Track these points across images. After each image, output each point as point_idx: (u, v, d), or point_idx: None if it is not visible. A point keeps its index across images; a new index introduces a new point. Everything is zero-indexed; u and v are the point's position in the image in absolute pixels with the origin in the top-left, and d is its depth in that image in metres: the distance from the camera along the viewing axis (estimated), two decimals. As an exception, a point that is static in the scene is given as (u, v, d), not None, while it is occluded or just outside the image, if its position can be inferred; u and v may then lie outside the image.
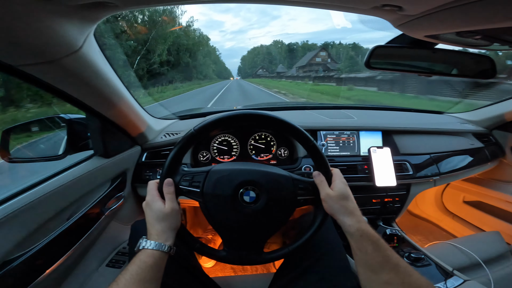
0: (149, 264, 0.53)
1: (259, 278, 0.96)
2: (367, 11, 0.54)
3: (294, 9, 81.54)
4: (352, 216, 0.58)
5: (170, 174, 0.64)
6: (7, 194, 0.64)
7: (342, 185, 0.62)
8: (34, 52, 0.47)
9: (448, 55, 0.83)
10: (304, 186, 0.67)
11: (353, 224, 0.56)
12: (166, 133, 1.18)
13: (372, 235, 0.54)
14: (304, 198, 0.66)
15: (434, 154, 1.25)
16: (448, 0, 0.43)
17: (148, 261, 0.53)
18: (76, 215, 0.78)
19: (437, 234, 1.71)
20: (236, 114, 0.65)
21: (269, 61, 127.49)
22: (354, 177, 1.14)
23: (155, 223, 0.58)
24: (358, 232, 0.55)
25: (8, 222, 0.58)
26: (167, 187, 0.61)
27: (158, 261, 0.54)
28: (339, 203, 0.60)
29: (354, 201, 0.61)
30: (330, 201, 0.61)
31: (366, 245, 0.54)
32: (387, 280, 0.50)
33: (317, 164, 0.67)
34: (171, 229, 0.59)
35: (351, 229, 0.56)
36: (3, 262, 0.56)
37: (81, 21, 0.48)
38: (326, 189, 0.62)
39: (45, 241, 0.66)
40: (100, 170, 0.89)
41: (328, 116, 1.30)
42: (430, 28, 0.58)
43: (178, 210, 0.61)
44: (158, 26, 23.24)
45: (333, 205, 0.60)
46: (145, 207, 0.61)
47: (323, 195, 0.62)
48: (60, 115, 0.87)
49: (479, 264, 0.94)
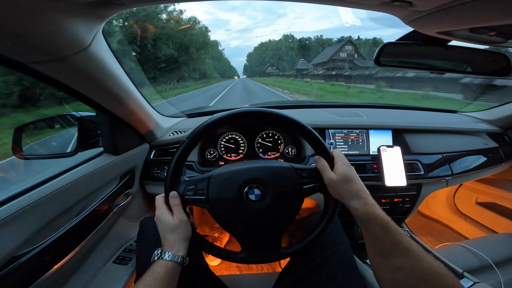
0: (162, 275, 0.54)
1: (265, 277, 0.96)
2: (376, 7, 0.53)
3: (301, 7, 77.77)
4: (359, 199, 0.55)
5: (173, 186, 0.64)
6: (18, 190, 0.65)
7: (345, 167, 0.59)
8: (43, 50, 0.47)
9: (461, 52, 0.80)
10: (307, 174, 0.66)
11: (359, 208, 0.54)
12: (174, 131, 1.19)
13: (380, 218, 0.51)
14: (311, 186, 0.65)
15: (447, 154, 1.22)
16: None
17: (161, 271, 0.55)
18: (85, 211, 0.79)
19: (448, 236, 1.67)
20: (225, 115, 0.65)
21: (278, 57, 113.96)
22: (363, 176, 1.12)
23: (167, 235, 0.60)
24: (365, 215, 0.53)
25: (18, 218, 0.59)
26: (173, 200, 0.62)
27: (171, 272, 0.56)
28: (343, 186, 0.57)
29: (359, 182, 0.58)
30: (334, 185, 0.58)
31: (374, 228, 0.51)
32: (397, 265, 0.48)
33: (316, 149, 0.66)
34: (182, 239, 0.60)
35: (358, 213, 0.54)
36: (11, 258, 0.57)
37: (90, 18, 0.48)
38: (328, 173, 0.60)
39: (54, 237, 0.67)
40: (109, 167, 0.90)
41: (337, 115, 1.29)
42: (442, 24, 0.56)
43: (187, 221, 0.62)
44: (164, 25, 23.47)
45: (338, 189, 0.58)
46: (157, 221, 0.63)
47: (326, 180, 0.60)
48: (71, 113, 0.89)
49: (490, 266, 0.91)
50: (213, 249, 0.67)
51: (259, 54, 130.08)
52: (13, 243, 0.58)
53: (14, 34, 0.41)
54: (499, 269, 0.90)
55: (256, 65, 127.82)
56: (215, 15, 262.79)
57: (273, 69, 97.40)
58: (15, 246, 0.58)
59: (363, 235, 0.55)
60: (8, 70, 0.48)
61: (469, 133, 1.32)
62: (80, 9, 0.43)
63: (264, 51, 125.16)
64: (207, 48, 56.62)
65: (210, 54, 68.68)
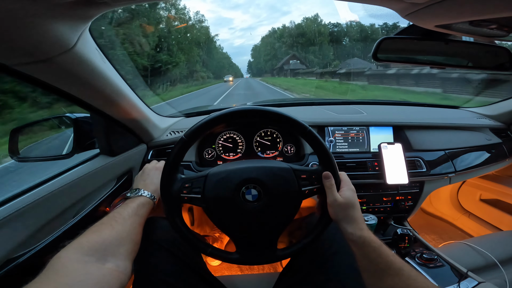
0: (143, 203, 0.65)
1: (265, 277, 0.94)
2: (372, 1, 0.51)
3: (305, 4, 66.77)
4: (355, 224, 0.57)
5: (169, 183, 0.63)
6: (14, 192, 0.64)
7: (351, 193, 0.61)
8: (26, 51, 0.46)
9: (461, 46, 0.78)
10: (307, 176, 0.65)
11: (354, 232, 0.56)
12: (172, 130, 1.18)
13: (374, 241, 0.54)
14: (309, 189, 0.64)
15: (449, 150, 1.20)
16: None
17: (143, 201, 0.66)
18: (82, 213, 0.78)
19: (452, 234, 1.65)
20: (224, 113, 0.64)
21: (301, 46, 74.07)
22: (364, 174, 1.11)
23: (148, 184, 0.73)
24: (360, 239, 0.55)
25: (13, 220, 0.59)
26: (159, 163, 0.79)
27: (147, 210, 0.66)
28: (345, 211, 0.59)
29: (359, 209, 0.61)
30: (336, 208, 0.60)
31: (368, 251, 0.54)
32: (391, 285, 0.50)
33: (316, 150, 0.65)
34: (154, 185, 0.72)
35: (353, 237, 0.56)
36: (6, 260, 0.57)
37: (72, 19, 0.47)
38: (334, 194, 0.61)
39: (49, 239, 0.67)
40: (106, 168, 0.89)
41: (337, 112, 1.27)
42: (441, 18, 0.54)
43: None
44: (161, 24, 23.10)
45: (338, 212, 0.60)
46: (145, 168, 0.78)
47: (330, 201, 0.61)
48: (66, 115, 0.88)
49: (495, 265, 0.90)
50: (207, 249, 0.66)
51: (269, 45, 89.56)
52: (8, 245, 0.57)
53: None
54: (504, 268, 0.88)
55: (265, 59, 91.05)
56: (218, 13, 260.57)
57: (296, 63, 56.84)
58: (10, 248, 0.58)
59: (357, 258, 0.57)
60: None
61: (471, 129, 1.30)
62: (61, 10, 0.42)
63: (278, 39, 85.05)
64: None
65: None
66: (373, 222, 0.97)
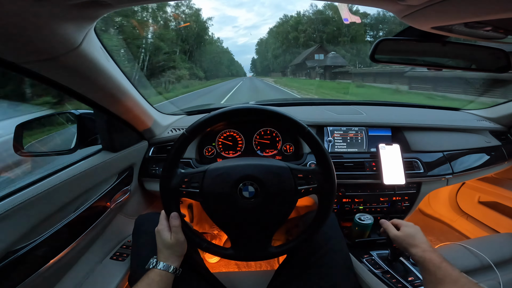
0: (156, 281, 0.61)
1: (262, 274, 0.96)
2: (368, 2, 0.52)
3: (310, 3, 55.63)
4: (417, 248, 0.69)
5: (169, 176, 0.65)
6: (16, 186, 0.66)
7: (409, 229, 0.76)
8: (34, 50, 0.48)
9: (458, 48, 0.79)
10: (304, 175, 0.67)
11: (416, 253, 0.67)
12: (173, 128, 1.20)
13: (434, 259, 0.64)
14: (305, 188, 0.66)
15: (448, 152, 1.20)
16: None
17: (155, 278, 0.61)
18: (82, 207, 0.80)
19: (449, 235, 1.65)
20: (226, 111, 0.65)
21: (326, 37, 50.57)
22: (361, 174, 1.12)
23: (163, 249, 0.66)
24: (420, 258, 0.66)
25: (15, 213, 0.60)
26: (173, 221, 0.67)
27: (164, 279, 0.62)
28: (406, 241, 0.72)
29: (422, 237, 0.73)
30: (398, 239, 0.75)
31: (428, 266, 0.63)
32: None
33: (313, 149, 0.67)
34: (177, 255, 0.67)
35: (414, 257, 0.68)
36: (7, 253, 0.58)
37: (78, 19, 0.49)
38: (393, 231, 0.77)
39: (50, 232, 0.68)
40: (108, 164, 0.91)
41: (336, 112, 1.28)
42: (436, 20, 0.55)
43: (183, 241, 0.68)
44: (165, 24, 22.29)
45: (402, 242, 0.74)
46: (156, 233, 0.69)
47: (392, 236, 0.77)
48: (70, 111, 0.90)
49: (490, 267, 0.90)
50: (202, 244, 0.68)
51: (281, 35, 62.91)
52: (10, 238, 0.59)
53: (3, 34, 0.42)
54: (498, 270, 0.89)
55: (275, 54, 67.19)
56: (222, 11, 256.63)
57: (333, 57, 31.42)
58: (12, 241, 0.59)
59: (420, 272, 0.67)
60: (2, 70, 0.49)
61: (471, 131, 1.30)
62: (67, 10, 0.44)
63: (293, 28, 58.74)
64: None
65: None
66: (369, 222, 0.98)
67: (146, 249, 0.76)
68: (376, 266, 0.90)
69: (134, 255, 0.80)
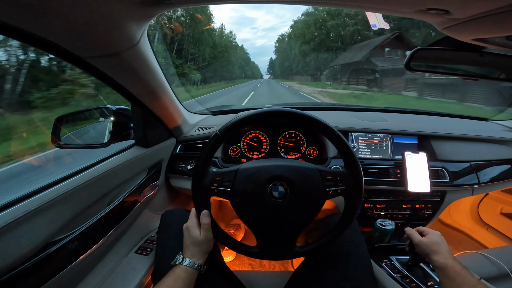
0: (182, 277, 0.63)
1: (278, 275, 0.97)
2: (410, 14, 0.53)
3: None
4: (439, 255, 0.70)
5: (201, 175, 0.67)
6: (55, 178, 0.68)
7: (434, 236, 0.76)
8: (100, 46, 0.51)
9: (497, 58, 0.78)
10: (332, 177, 0.68)
11: (438, 260, 0.69)
12: (200, 127, 1.22)
13: (455, 266, 0.65)
14: (333, 189, 0.67)
15: (475, 162, 1.18)
16: (499, 4, 0.41)
17: (181, 275, 0.63)
18: (116, 201, 0.83)
19: (468, 245, 1.63)
20: (258, 113, 0.66)
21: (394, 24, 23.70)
22: (385, 180, 1.12)
23: (190, 246, 0.68)
24: (442, 265, 0.67)
25: (54, 205, 0.62)
26: (204, 218, 0.68)
27: (190, 276, 0.64)
28: (429, 248, 0.73)
29: (445, 245, 0.73)
30: (422, 246, 0.76)
31: (447, 272, 0.65)
32: None
33: (342, 152, 0.68)
34: (202, 252, 0.68)
35: (436, 264, 0.69)
36: (46, 244, 0.60)
37: (140, 16, 0.51)
38: (418, 237, 0.78)
39: (85, 226, 0.70)
40: (140, 159, 0.94)
41: (361, 118, 1.28)
42: (479, 32, 0.55)
43: (211, 239, 0.69)
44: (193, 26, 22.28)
45: (425, 249, 0.74)
46: (185, 230, 0.70)
47: (415, 242, 0.78)
48: (107, 106, 0.93)
49: (507, 275, 0.89)
50: (229, 242, 0.70)
51: (313, 25, 41.56)
52: (49, 229, 0.61)
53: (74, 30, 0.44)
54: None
55: (304, 50, 45.30)
56: (241, 12, 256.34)
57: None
58: (51, 232, 0.61)
59: (439, 278, 0.68)
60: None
61: (499, 142, 1.28)
62: (133, 7, 0.46)
63: (330, 16, 37.33)
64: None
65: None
66: (390, 228, 0.98)
67: (171, 245, 0.78)
68: (396, 271, 0.90)
69: (159, 250, 0.82)
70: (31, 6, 0.37)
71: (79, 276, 0.76)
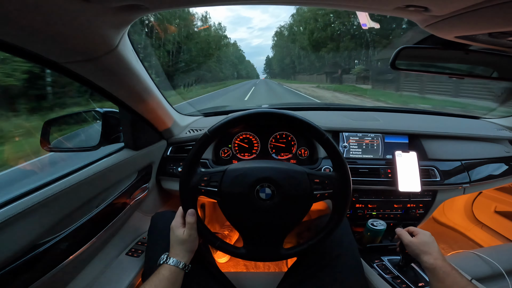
0: (166, 277, 0.63)
1: (271, 276, 0.97)
2: (390, 12, 0.53)
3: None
4: (429, 255, 0.69)
5: (189, 174, 0.67)
6: (43, 181, 0.68)
7: (424, 237, 0.76)
8: (77, 51, 0.51)
9: (482, 56, 0.78)
10: (320, 180, 0.68)
11: (427, 261, 0.68)
12: (191, 129, 1.22)
13: (444, 267, 0.65)
14: (321, 193, 0.67)
15: (466, 161, 1.18)
16: (477, 1, 0.41)
17: (166, 274, 0.63)
18: (104, 203, 0.83)
19: (462, 244, 1.63)
20: (247, 114, 0.67)
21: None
22: (376, 180, 1.12)
23: (175, 245, 0.68)
24: (431, 266, 0.67)
25: (41, 207, 0.62)
26: (189, 217, 0.69)
27: (174, 275, 0.64)
28: (419, 248, 0.72)
29: (435, 245, 0.73)
30: (412, 246, 0.75)
31: (437, 273, 0.65)
32: None
33: (331, 156, 0.68)
34: (187, 251, 0.68)
35: (426, 265, 0.69)
36: (33, 245, 0.60)
37: (117, 22, 0.51)
38: (408, 237, 0.77)
39: (73, 228, 0.71)
40: (129, 161, 0.94)
41: (352, 118, 1.28)
42: (461, 29, 0.55)
43: (195, 237, 0.70)
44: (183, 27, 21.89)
45: (414, 249, 0.74)
46: (170, 229, 0.71)
47: (405, 242, 0.77)
48: (96, 109, 0.93)
49: (501, 275, 0.89)
50: (216, 241, 0.70)
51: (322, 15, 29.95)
52: (36, 231, 0.61)
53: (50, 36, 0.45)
54: (510, 278, 0.88)
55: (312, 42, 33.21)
56: (237, 12, 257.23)
57: None
58: (37, 234, 0.61)
59: (429, 279, 0.68)
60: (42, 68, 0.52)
61: (491, 140, 1.28)
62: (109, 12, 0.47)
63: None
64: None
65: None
66: (382, 228, 0.98)
67: (161, 246, 0.78)
68: (387, 271, 0.90)
69: (149, 252, 0.83)
70: (3, 14, 0.37)
71: (68, 277, 0.76)
